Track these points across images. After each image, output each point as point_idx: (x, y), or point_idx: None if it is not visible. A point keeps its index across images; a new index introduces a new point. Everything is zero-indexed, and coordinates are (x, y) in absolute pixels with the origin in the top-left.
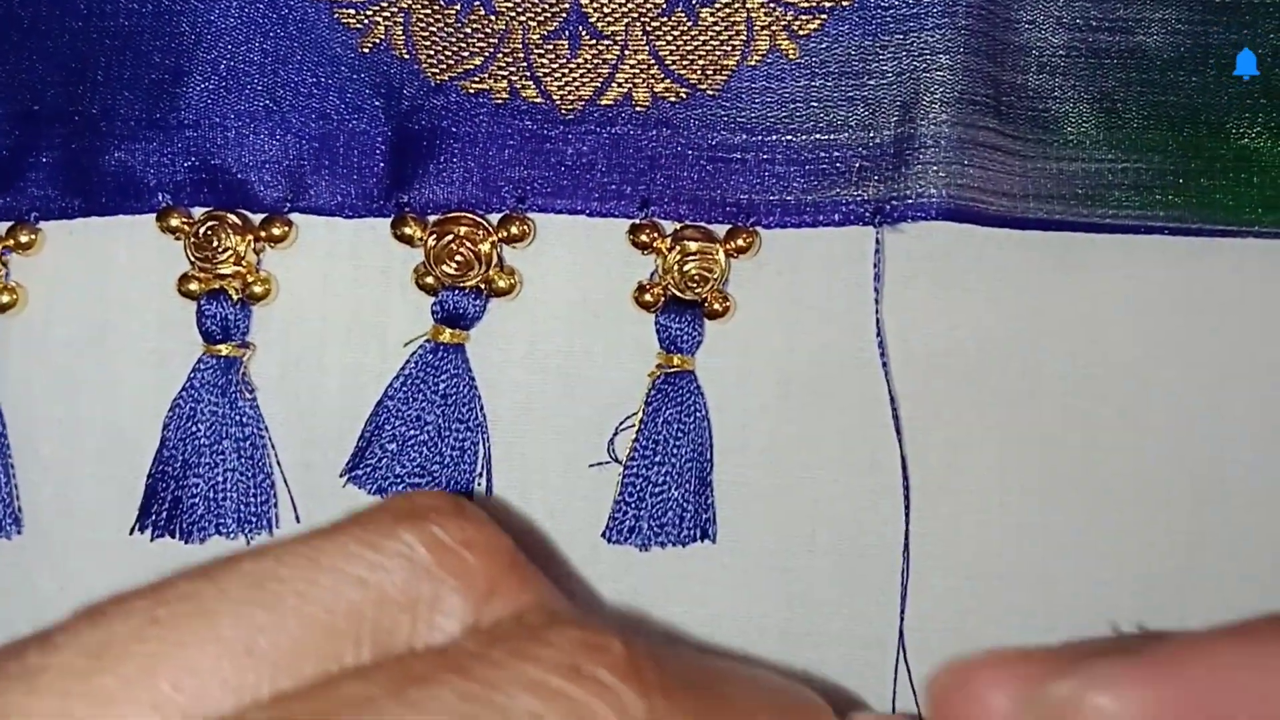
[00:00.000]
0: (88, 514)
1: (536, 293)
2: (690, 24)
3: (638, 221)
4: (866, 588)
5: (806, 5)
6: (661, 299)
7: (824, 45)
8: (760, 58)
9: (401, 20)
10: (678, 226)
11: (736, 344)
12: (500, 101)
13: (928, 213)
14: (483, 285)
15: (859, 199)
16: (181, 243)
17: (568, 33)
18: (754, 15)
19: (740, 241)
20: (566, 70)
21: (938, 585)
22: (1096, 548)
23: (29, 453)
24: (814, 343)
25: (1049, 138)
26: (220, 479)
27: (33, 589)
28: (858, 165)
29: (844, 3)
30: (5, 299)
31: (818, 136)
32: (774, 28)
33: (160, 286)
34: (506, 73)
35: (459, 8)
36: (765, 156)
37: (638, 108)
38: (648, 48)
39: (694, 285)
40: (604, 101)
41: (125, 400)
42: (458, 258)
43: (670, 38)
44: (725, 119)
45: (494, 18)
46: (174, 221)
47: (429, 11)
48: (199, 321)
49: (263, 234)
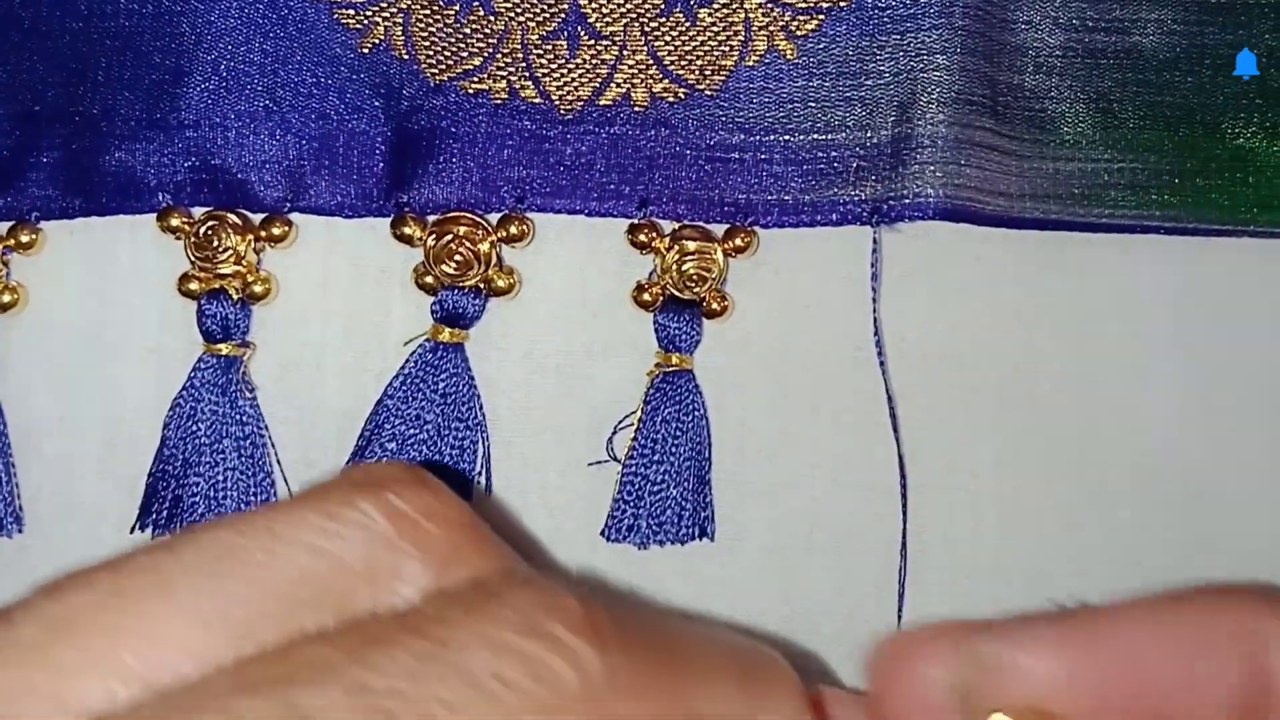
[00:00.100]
0: (89, 513)
1: (535, 292)
2: (688, 24)
3: (636, 221)
4: (864, 585)
5: (804, 6)
6: (660, 298)
7: (821, 46)
8: (758, 58)
9: (401, 21)
10: (676, 226)
11: (735, 343)
12: (499, 102)
13: (925, 212)
14: (482, 285)
15: (856, 199)
16: (182, 242)
17: (566, 33)
18: (752, 16)
19: (738, 241)
20: (565, 70)
21: (935, 582)
22: (1093, 545)
23: (30, 451)
24: (812, 341)
25: (1045, 138)
26: (220, 478)
27: (34, 587)
28: (855, 165)
29: (841, 3)
30: (6, 298)
31: (815, 136)
32: (772, 28)
33: (161, 286)
34: (505, 73)
35: (458, 8)
36: (763, 156)
37: (636, 108)
38: (646, 48)
39: (692, 284)
40: (602, 102)
41: (126, 399)
42: (457, 257)
43: (669, 38)
44: (723, 119)
45: (493, 18)
46: (174, 221)
47: (428, 12)
48: (199, 321)
49: (263, 234)
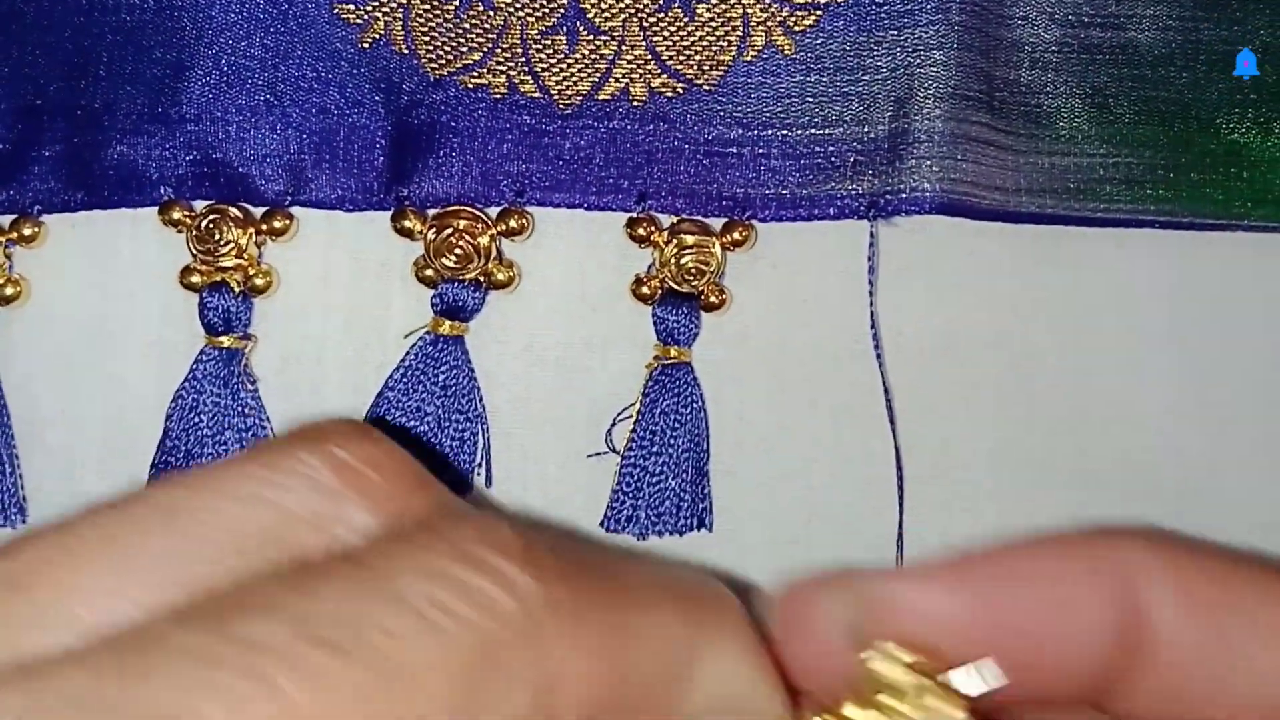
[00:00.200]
0: (91, 503)
1: (535, 285)
2: (687, 20)
3: (635, 215)
4: None
5: (802, 1)
6: (659, 291)
7: (819, 41)
8: (756, 53)
9: (401, 16)
10: (674, 220)
11: (733, 336)
12: (499, 96)
13: (921, 207)
14: (482, 278)
15: (854, 193)
16: (183, 235)
17: (565, 28)
18: (750, 11)
19: (736, 235)
20: (564, 65)
21: None
22: None
23: (33, 442)
24: (809, 335)
25: (1041, 132)
26: None
27: None
28: (852, 160)
29: None
30: (9, 291)
31: (813, 131)
32: (770, 23)
33: (162, 279)
34: (505, 68)
35: (458, 4)
36: (761, 151)
37: (635, 103)
38: (645, 43)
39: (691, 278)
40: (601, 96)
41: (128, 391)
42: (457, 251)
43: (667, 33)
44: (721, 114)
45: (492, 13)
46: (176, 214)
47: (428, 7)
48: (201, 313)
49: (264, 227)
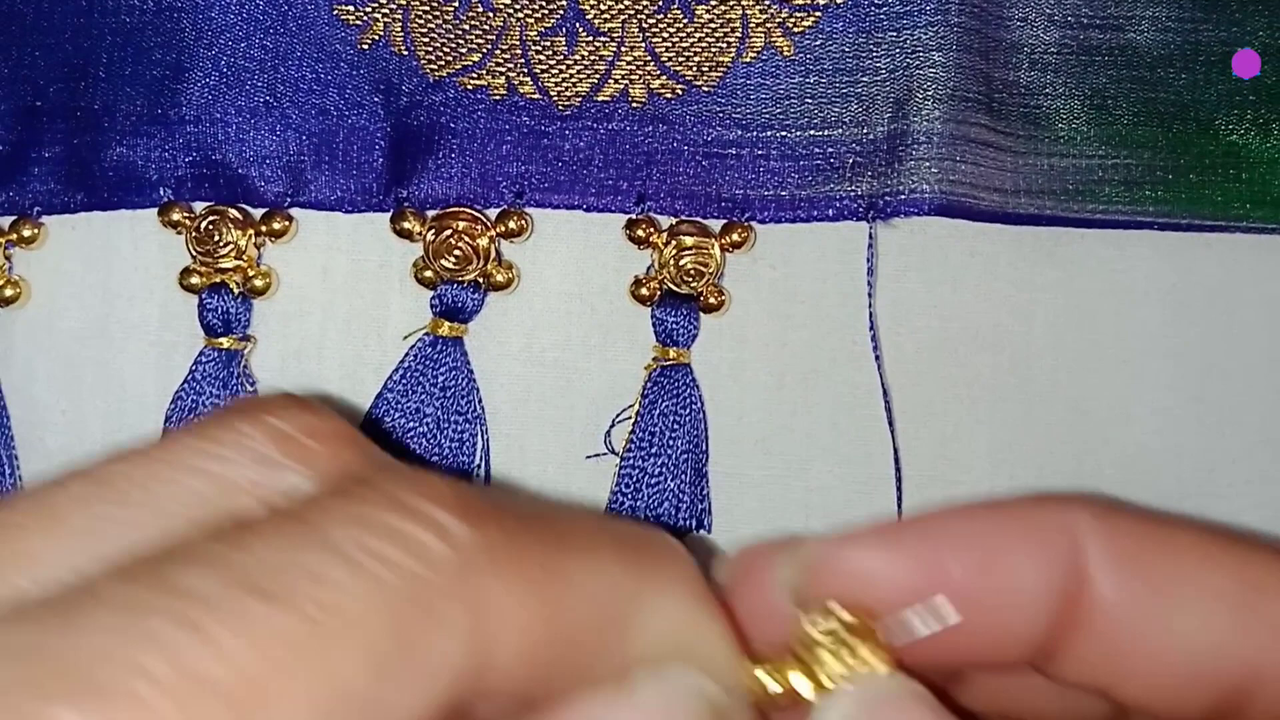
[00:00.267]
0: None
1: (534, 286)
2: (686, 21)
3: (634, 216)
4: None
5: (801, 3)
6: (657, 293)
7: (818, 42)
8: (755, 54)
9: (400, 17)
10: (673, 221)
11: (732, 337)
12: (498, 97)
13: (920, 208)
14: (481, 279)
15: (853, 194)
16: (183, 237)
17: (565, 29)
18: (749, 12)
19: (735, 236)
20: (564, 67)
21: None
22: None
23: (33, 444)
24: (808, 336)
25: (1040, 134)
26: None
27: None
28: (851, 161)
29: (838, 0)
30: (9, 292)
31: (812, 133)
32: (769, 25)
33: (162, 280)
34: (504, 69)
35: (457, 5)
36: (760, 152)
37: (634, 104)
38: (644, 44)
39: (690, 279)
40: (601, 98)
41: (128, 392)
42: (456, 252)
43: (666, 35)
44: (721, 115)
45: (492, 14)
46: (175, 216)
47: (428, 8)
48: (200, 315)
49: (263, 228)
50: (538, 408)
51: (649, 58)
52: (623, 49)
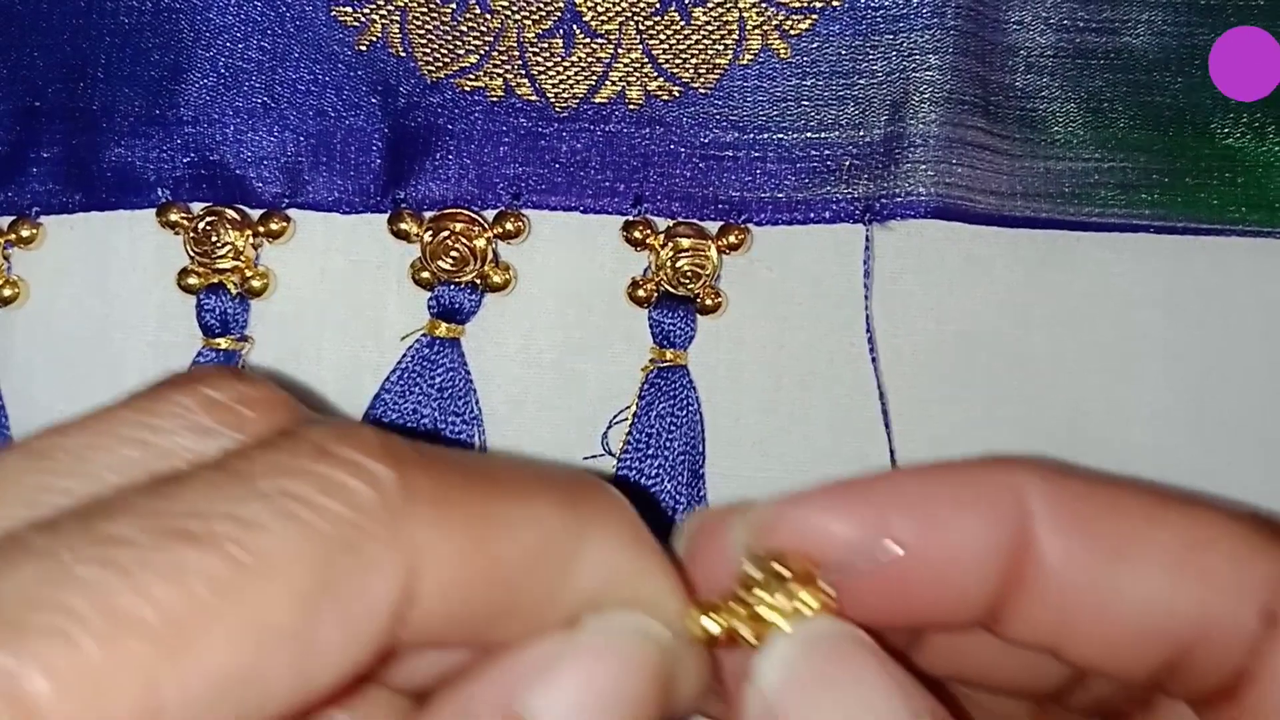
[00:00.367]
0: None
1: (531, 288)
2: (683, 23)
3: (631, 218)
4: None
5: (797, 5)
6: (654, 294)
7: (815, 45)
8: (752, 57)
9: (398, 18)
10: (671, 223)
11: (729, 339)
12: (495, 99)
13: (916, 210)
14: (478, 280)
15: (849, 197)
16: (181, 237)
17: (562, 31)
18: (746, 15)
19: (732, 238)
20: (561, 68)
21: None
22: None
23: None
24: (805, 337)
25: (1036, 137)
26: None
27: None
28: (848, 163)
29: (834, 3)
30: (8, 292)
31: (809, 135)
32: (765, 27)
33: (160, 281)
34: (502, 70)
35: (455, 6)
36: (757, 154)
37: (631, 106)
38: (641, 46)
39: (686, 281)
40: (598, 99)
41: (126, 392)
42: (453, 253)
43: (663, 37)
44: (717, 117)
45: (489, 16)
46: (173, 216)
47: (425, 10)
48: (198, 315)
49: (261, 229)
50: (535, 409)
51: (646, 60)
52: (620, 51)
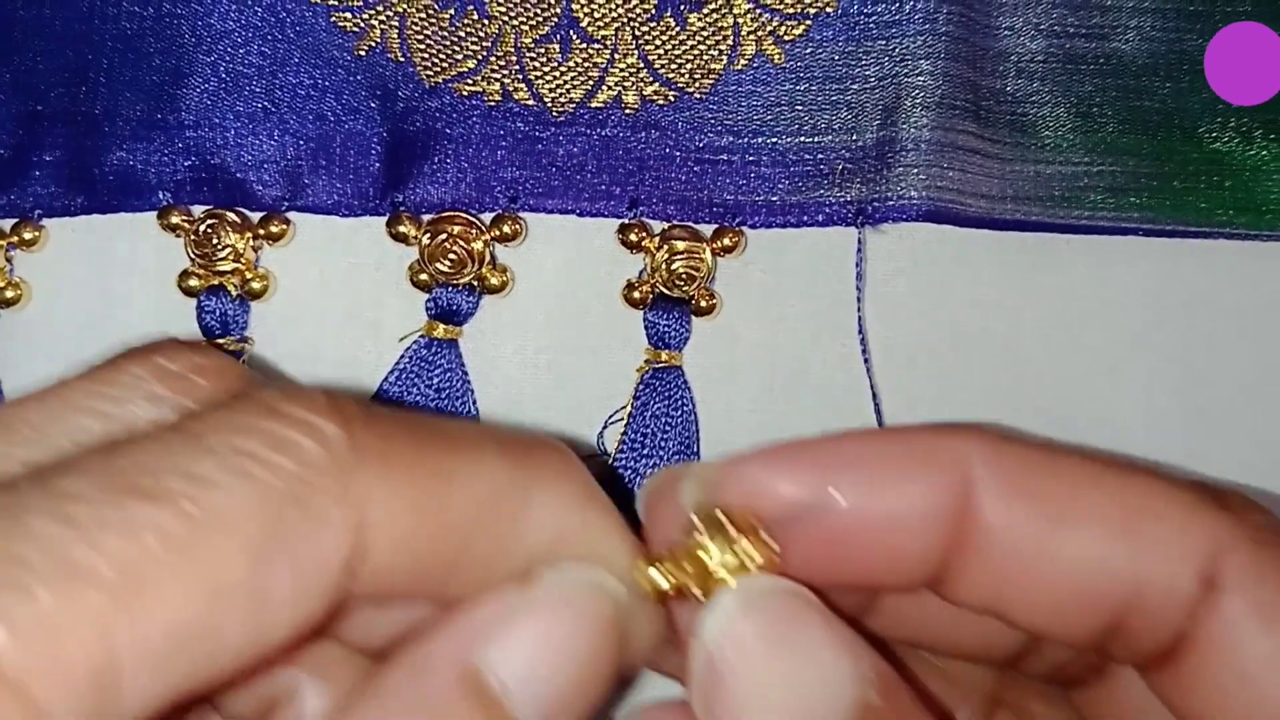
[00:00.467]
0: None
1: (528, 290)
2: (678, 29)
3: (627, 221)
4: None
5: (792, 11)
6: (650, 296)
7: (808, 50)
8: (746, 62)
9: (397, 24)
10: (666, 226)
11: (723, 340)
12: (493, 103)
13: (908, 214)
14: (475, 282)
15: (842, 200)
16: (182, 240)
17: (559, 36)
18: (740, 21)
19: (727, 241)
20: (558, 73)
21: None
22: None
23: None
24: (798, 339)
25: (1027, 141)
26: None
27: None
28: (841, 167)
29: (828, 9)
30: (10, 294)
31: (802, 139)
32: (760, 33)
33: (161, 283)
34: (499, 75)
35: (453, 12)
36: (751, 158)
37: (627, 110)
38: (637, 52)
39: (681, 283)
40: (594, 104)
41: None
42: (451, 256)
43: (659, 42)
44: (712, 122)
45: (487, 21)
46: (174, 219)
47: (424, 15)
48: (199, 317)
49: (261, 232)
50: (531, 409)
51: (642, 65)
52: (616, 56)
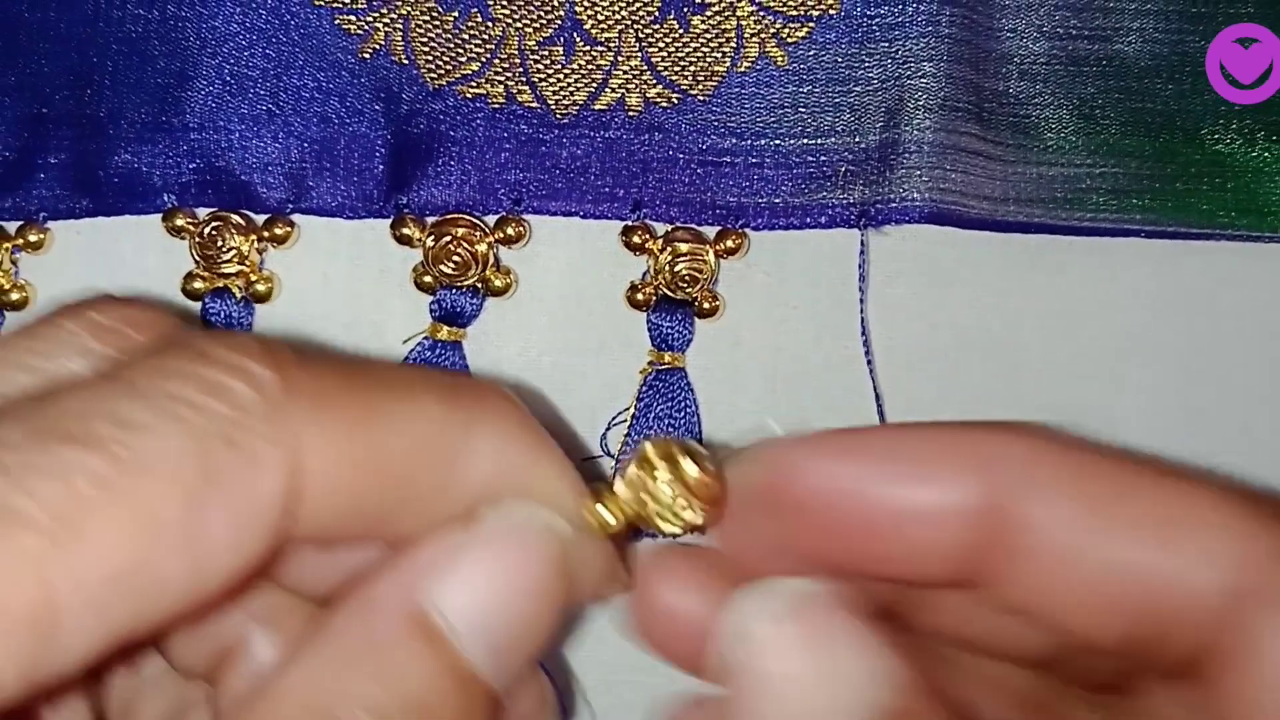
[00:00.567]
0: None
1: (532, 292)
2: (682, 31)
3: (630, 223)
4: None
5: (795, 14)
6: (653, 298)
7: (811, 53)
8: (750, 64)
9: (401, 27)
10: (669, 228)
11: (726, 342)
12: (497, 106)
13: (911, 215)
14: (479, 284)
15: (845, 202)
16: (186, 243)
17: (563, 39)
18: (744, 23)
19: (730, 243)
20: (561, 76)
21: None
22: None
23: None
24: (801, 340)
25: (1029, 143)
26: None
27: None
28: (844, 169)
29: (831, 11)
30: (15, 297)
31: (805, 141)
32: (763, 35)
33: (165, 285)
34: (503, 78)
35: (457, 15)
36: (754, 160)
37: (630, 112)
38: (640, 54)
39: (685, 285)
40: (598, 106)
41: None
42: (455, 258)
43: (662, 44)
44: (715, 124)
45: (491, 24)
46: (179, 222)
47: (427, 18)
48: (203, 319)
49: (265, 234)
50: (534, 411)
51: (645, 67)
52: (619, 58)
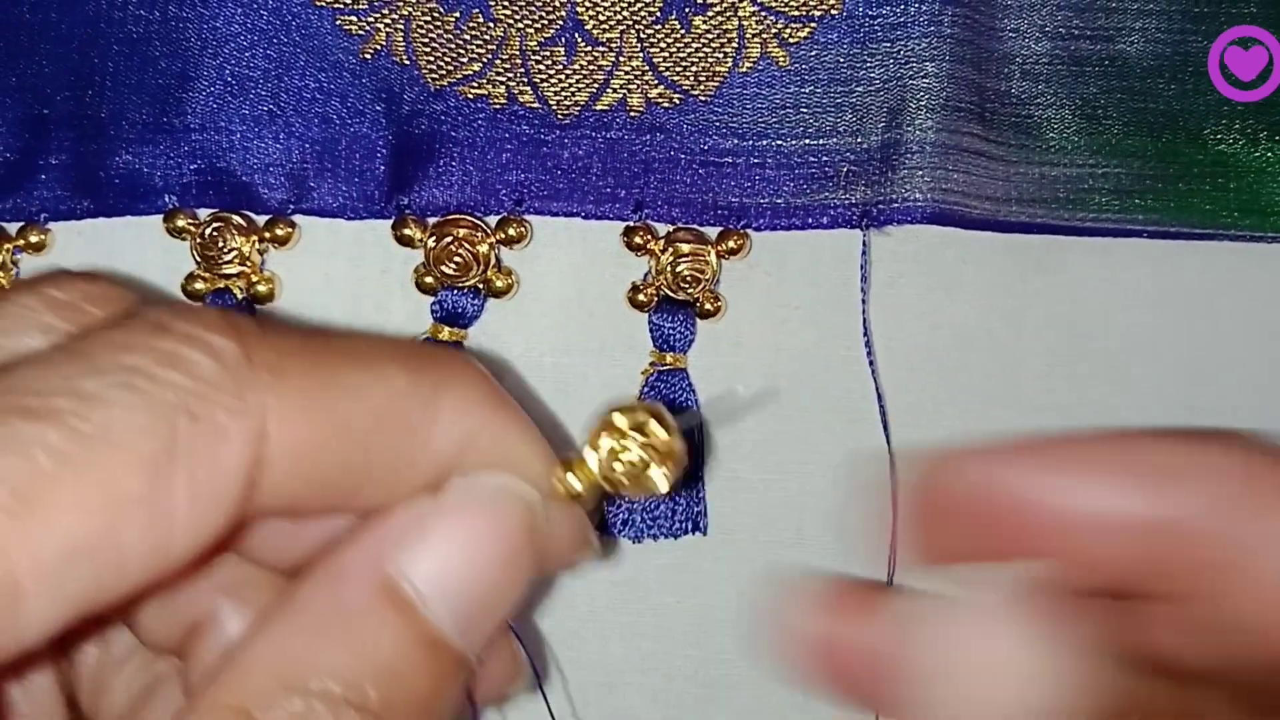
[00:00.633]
0: None
1: (533, 293)
2: (683, 32)
3: (632, 224)
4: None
5: (796, 14)
6: (655, 299)
7: (813, 53)
8: (751, 65)
9: (402, 27)
10: (670, 229)
11: (728, 342)
12: (498, 106)
13: (913, 216)
14: (481, 285)
15: (847, 202)
16: (187, 243)
17: (564, 40)
18: (745, 23)
19: (731, 243)
20: (563, 76)
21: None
22: None
23: None
24: (802, 341)
25: (1032, 143)
26: None
27: None
28: (845, 170)
29: (833, 12)
30: None
31: (807, 142)
32: (765, 36)
33: (167, 286)
34: (504, 79)
35: (458, 15)
36: (756, 161)
37: (632, 113)
38: (642, 55)
39: (686, 286)
40: (599, 107)
41: None
42: (456, 258)
43: (664, 45)
44: (717, 124)
45: (492, 25)
46: (180, 223)
47: (429, 19)
48: None
49: (267, 235)
50: (536, 412)
51: (647, 68)
52: (621, 59)
